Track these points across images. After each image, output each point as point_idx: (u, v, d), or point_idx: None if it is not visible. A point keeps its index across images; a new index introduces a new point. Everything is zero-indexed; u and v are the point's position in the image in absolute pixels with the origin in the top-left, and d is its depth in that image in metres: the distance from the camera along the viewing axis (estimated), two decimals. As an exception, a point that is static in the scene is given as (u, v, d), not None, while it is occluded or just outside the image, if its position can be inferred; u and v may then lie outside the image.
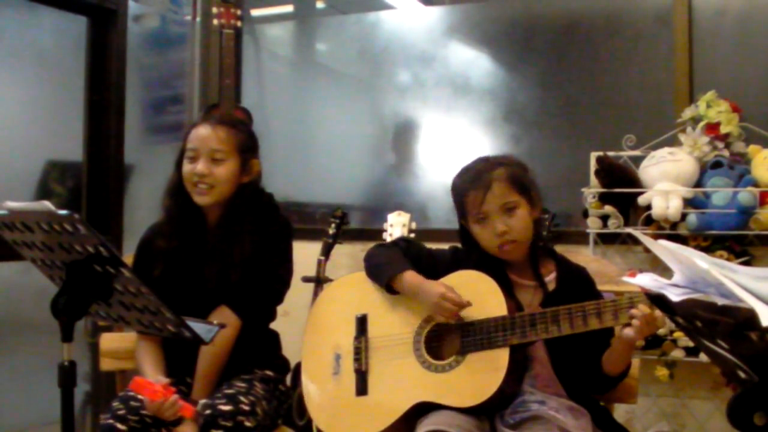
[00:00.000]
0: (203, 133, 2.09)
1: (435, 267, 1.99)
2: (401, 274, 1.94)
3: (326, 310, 2.13)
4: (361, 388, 1.99)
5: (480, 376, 1.84)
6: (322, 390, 2.06)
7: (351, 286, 2.10)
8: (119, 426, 1.90)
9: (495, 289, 1.87)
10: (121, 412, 1.93)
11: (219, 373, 2.06)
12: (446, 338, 1.93)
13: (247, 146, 2.13)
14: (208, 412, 1.88)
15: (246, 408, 1.91)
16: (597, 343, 1.86)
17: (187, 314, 1.84)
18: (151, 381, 1.85)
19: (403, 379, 1.94)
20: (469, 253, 2.01)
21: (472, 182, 1.91)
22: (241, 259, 2.06)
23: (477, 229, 1.92)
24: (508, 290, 1.91)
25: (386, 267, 1.98)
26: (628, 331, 1.76)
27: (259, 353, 2.16)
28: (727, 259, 2.65)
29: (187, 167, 2.08)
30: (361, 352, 2.01)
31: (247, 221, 2.10)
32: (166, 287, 2.02)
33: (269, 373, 2.14)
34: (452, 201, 2.00)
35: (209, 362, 2.04)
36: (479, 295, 1.89)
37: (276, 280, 2.15)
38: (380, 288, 2.00)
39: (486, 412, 1.83)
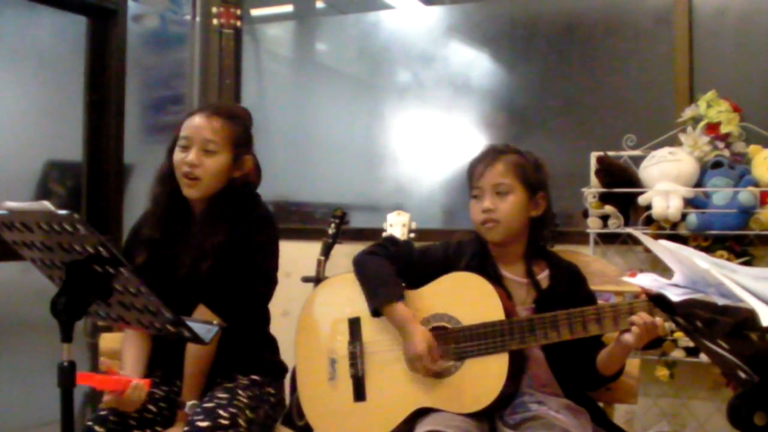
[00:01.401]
0: (197, 122, 2.03)
1: (427, 267, 1.99)
2: (390, 305, 1.93)
3: (317, 313, 2.11)
4: (359, 394, 1.99)
5: (480, 382, 1.83)
6: (319, 396, 2.05)
7: (341, 288, 2.08)
8: (97, 428, 1.89)
9: (491, 293, 1.87)
10: (102, 413, 1.91)
11: (205, 372, 2.01)
12: (442, 342, 1.92)
13: (241, 140, 2.08)
14: (186, 429, 1.84)
15: (224, 422, 1.85)
16: (590, 343, 1.85)
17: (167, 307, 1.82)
18: (95, 373, 1.82)
19: (401, 384, 1.94)
20: (460, 249, 2.01)
21: (482, 157, 1.97)
22: (212, 248, 1.99)
23: (471, 203, 1.96)
24: (499, 284, 1.92)
25: (378, 289, 1.96)
26: (628, 337, 1.75)
27: (244, 358, 2.08)
28: (728, 259, 2.65)
29: (178, 155, 2.03)
30: (356, 358, 2.00)
31: (226, 212, 2.04)
32: (146, 276, 1.97)
33: (255, 377, 2.07)
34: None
35: (194, 363, 1.99)
36: (475, 298, 1.89)
37: (254, 275, 2.05)
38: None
39: (485, 412, 1.83)
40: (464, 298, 1.90)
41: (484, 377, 1.83)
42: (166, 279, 2.01)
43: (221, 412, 1.88)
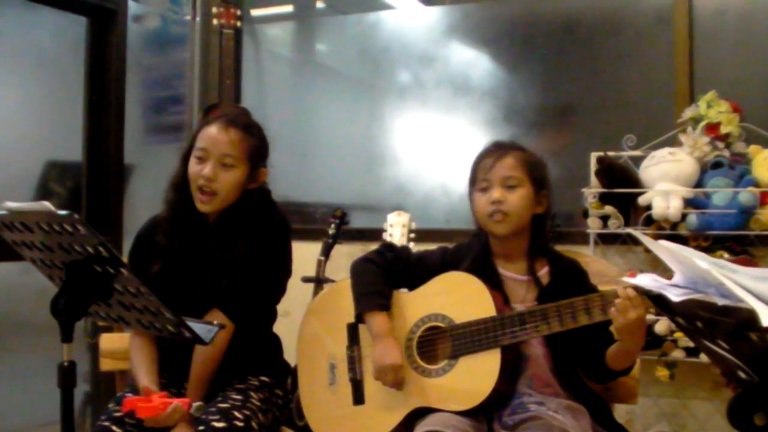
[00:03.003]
0: (215, 134, 2.00)
1: (425, 272, 2.00)
2: (371, 312, 1.96)
3: (318, 320, 2.12)
4: (358, 398, 2.00)
5: (473, 379, 1.84)
6: (319, 401, 2.06)
7: (341, 294, 2.08)
8: (115, 429, 1.88)
9: (482, 290, 1.88)
10: (117, 414, 1.91)
11: (212, 375, 2.01)
12: (438, 342, 1.93)
13: (258, 153, 2.07)
14: (201, 428, 1.84)
15: (240, 424, 1.86)
16: (597, 335, 1.85)
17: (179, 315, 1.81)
18: (143, 397, 1.82)
19: None
20: (459, 252, 2.02)
21: (489, 150, 1.98)
22: (232, 261, 2.00)
23: (477, 195, 1.96)
24: (497, 285, 1.92)
25: (364, 296, 1.98)
26: (612, 311, 1.71)
27: (254, 359, 2.10)
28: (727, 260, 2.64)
29: (194, 167, 2.01)
30: (355, 362, 2.01)
31: (242, 222, 2.04)
32: (161, 286, 1.93)
33: (265, 378, 2.09)
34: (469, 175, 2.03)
35: (202, 365, 2.00)
36: (467, 297, 1.90)
37: (269, 281, 2.08)
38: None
39: (483, 412, 1.83)
40: (457, 297, 1.91)
41: (477, 374, 1.84)
42: (181, 288, 2.01)
43: (236, 413, 1.88)
